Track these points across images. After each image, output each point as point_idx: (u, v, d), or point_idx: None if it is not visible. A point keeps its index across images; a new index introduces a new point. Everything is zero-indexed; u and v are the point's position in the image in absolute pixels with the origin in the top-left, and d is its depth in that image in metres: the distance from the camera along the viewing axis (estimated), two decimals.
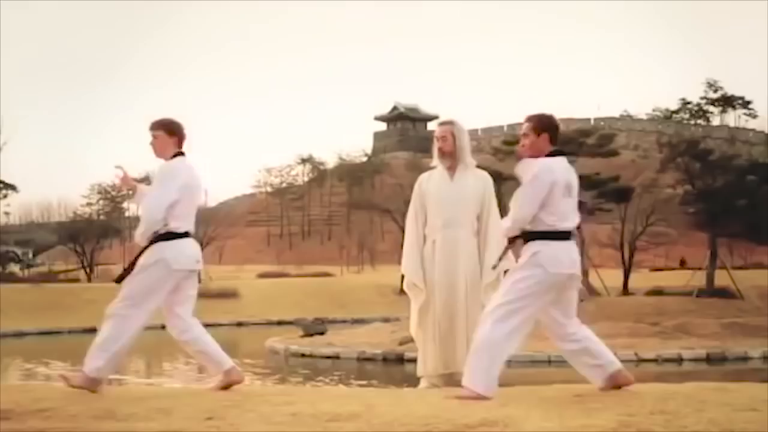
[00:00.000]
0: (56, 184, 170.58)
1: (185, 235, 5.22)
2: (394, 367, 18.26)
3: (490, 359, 4.66)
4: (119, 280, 5.15)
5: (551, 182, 4.71)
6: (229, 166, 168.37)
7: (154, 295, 5.12)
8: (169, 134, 5.37)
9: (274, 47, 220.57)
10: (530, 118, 4.89)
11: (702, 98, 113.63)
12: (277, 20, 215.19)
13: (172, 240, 5.14)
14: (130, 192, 5.45)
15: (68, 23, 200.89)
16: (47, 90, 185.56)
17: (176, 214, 5.15)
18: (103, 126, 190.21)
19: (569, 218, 4.80)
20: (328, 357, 20.31)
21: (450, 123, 6.32)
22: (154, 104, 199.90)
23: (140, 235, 5.14)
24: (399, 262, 6.65)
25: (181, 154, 5.36)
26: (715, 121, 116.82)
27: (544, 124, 4.85)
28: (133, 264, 5.14)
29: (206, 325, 5.41)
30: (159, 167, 5.34)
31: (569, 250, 4.79)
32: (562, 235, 4.77)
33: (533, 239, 4.78)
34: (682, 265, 28.30)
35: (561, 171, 4.79)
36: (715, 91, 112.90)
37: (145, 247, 5.14)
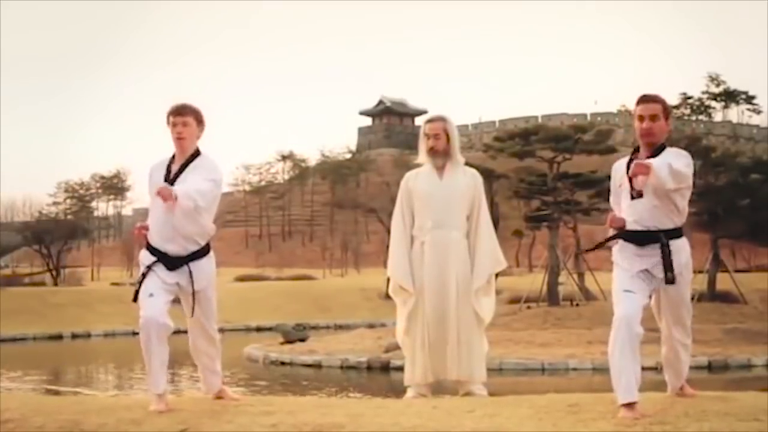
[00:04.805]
0: (21, 181, 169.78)
1: None
2: (380, 375, 18.25)
3: None
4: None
5: None
6: None
7: None
8: (198, 123, 4.95)
9: (254, 41, 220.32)
10: (658, 99, 4.50)
11: (703, 93, 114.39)
12: (257, 13, 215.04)
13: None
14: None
15: (46, 21, 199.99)
16: (10, 87, 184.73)
17: None
18: (70, 123, 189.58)
19: None
20: (310, 365, 20.28)
21: (442, 119, 6.30)
22: (127, 103, 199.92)
23: (194, 202, 4.70)
24: (385, 265, 6.65)
25: (199, 151, 4.96)
26: (718, 116, 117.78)
27: (668, 110, 4.56)
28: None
29: (181, 332, 5.37)
30: (207, 161, 4.91)
31: None
32: None
33: (682, 236, 4.60)
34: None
35: None
36: (718, 85, 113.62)
37: (201, 251, 4.92)
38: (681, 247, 4.52)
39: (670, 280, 4.42)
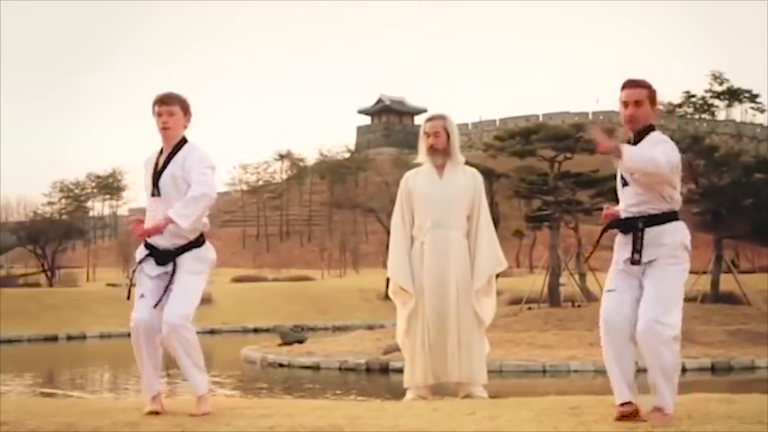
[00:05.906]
0: (15, 181, 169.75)
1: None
2: (379, 377, 18.25)
3: None
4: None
5: None
6: None
7: None
8: (184, 113, 4.91)
9: (252, 39, 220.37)
10: (643, 84, 4.44)
11: (707, 91, 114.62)
12: (255, 11, 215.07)
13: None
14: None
15: (42, 21, 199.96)
16: (5, 86, 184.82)
17: None
18: (66, 122, 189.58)
19: None
20: (308, 367, 20.27)
21: (442, 118, 6.32)
22: (123, 102, 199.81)
23: (189, 219, 4.66)
24: (384, 265, 6.66)
25: (185, 140, 4.92)
26: (721, 115, 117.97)
27: (656, 97, 4.49)
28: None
29: None
30: (197, 151, 4.83)
31: None
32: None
33: (676, 219, 4.47)
34: (735, 266, 28.28)
35: None
36: (721, 83, 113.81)
37: (186, 246, 4.83)
38: (665, 234, 4.35)
39: (635, 261, 4.31)
